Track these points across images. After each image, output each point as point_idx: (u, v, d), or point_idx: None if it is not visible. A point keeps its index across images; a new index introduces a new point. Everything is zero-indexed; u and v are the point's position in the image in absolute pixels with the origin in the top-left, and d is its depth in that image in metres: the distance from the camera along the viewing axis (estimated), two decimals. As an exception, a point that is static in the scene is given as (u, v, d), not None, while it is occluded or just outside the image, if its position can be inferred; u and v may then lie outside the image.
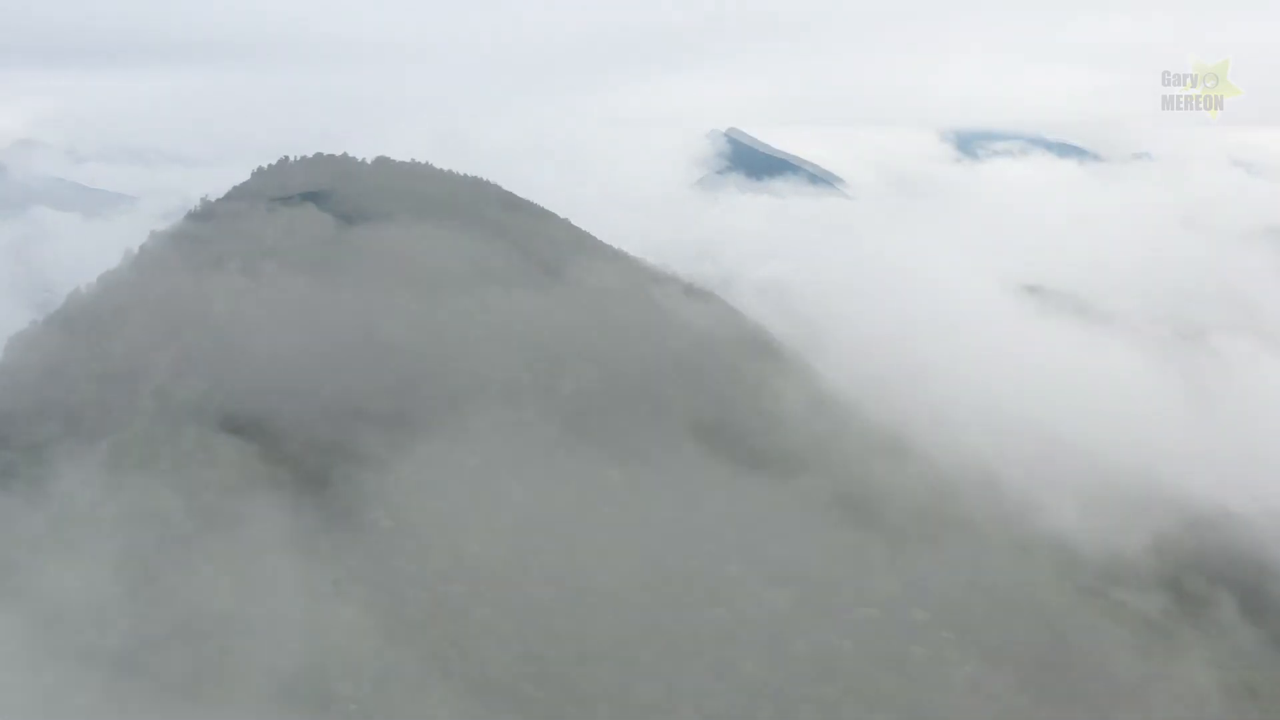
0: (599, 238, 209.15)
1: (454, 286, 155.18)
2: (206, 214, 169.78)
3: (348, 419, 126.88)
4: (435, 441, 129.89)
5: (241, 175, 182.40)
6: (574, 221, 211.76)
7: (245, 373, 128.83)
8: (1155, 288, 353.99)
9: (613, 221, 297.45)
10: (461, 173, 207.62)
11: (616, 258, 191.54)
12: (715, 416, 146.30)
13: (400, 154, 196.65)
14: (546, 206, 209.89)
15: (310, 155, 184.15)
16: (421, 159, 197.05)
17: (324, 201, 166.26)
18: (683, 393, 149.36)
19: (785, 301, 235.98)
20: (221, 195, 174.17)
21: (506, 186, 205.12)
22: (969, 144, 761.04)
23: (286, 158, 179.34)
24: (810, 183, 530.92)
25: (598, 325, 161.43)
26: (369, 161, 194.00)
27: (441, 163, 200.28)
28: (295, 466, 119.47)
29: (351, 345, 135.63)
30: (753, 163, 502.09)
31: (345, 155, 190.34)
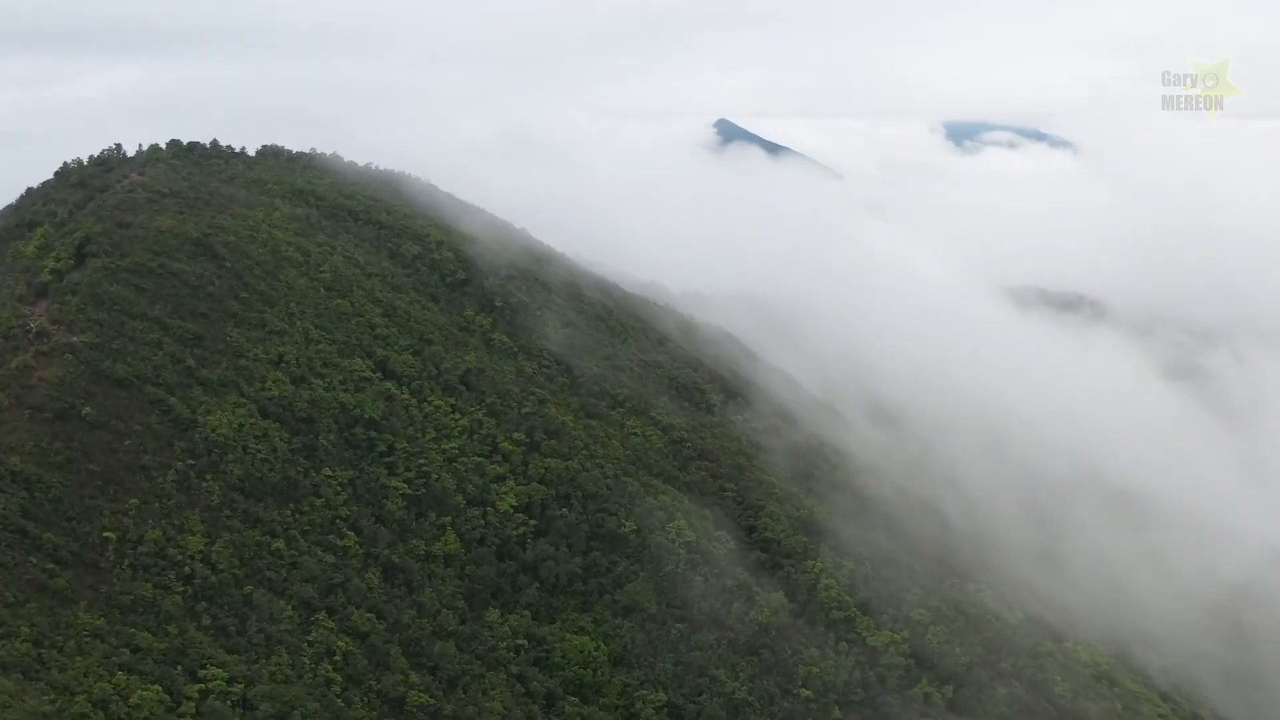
0: (569, 250, 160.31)
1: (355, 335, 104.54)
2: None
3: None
4: (286, 605, 79.38)
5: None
6: (551, 224, 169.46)
7: None
8: (1156, 285, 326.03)
9: (595, 223, 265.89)
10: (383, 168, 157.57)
11: (578, 281, 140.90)
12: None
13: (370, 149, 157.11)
14: (522, 210, 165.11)
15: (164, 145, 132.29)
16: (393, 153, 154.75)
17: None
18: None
19: (772, 313, 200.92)
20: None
21: (480, 184, 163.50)
22: (961, 135, 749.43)
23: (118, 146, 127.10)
24: (803, 175, 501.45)
25: (555, 395, 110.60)
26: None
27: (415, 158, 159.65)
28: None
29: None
30: (744, 154, 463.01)
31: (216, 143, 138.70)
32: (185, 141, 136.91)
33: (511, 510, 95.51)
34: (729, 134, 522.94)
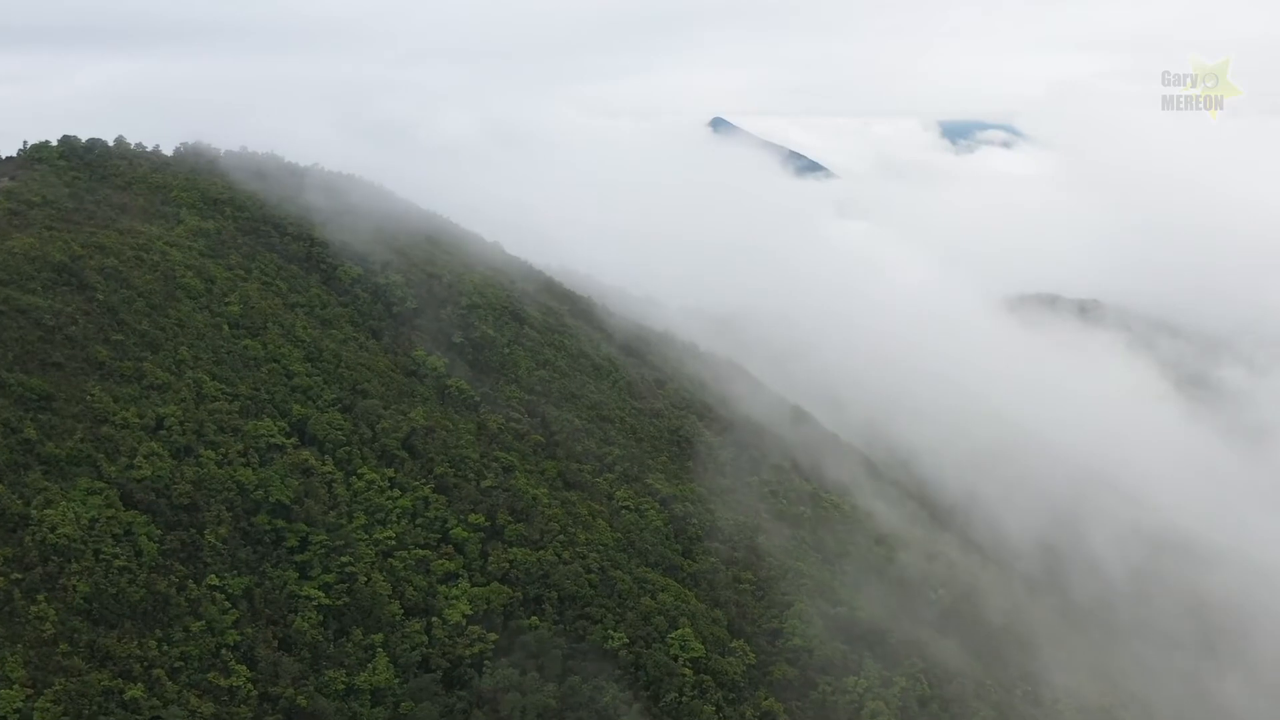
0: (549, 262, 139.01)
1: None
2: None
3: None
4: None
5: None
6: (535, 230, 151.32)
7: None
8: (1156, 288, 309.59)
9: (583, 228, 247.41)
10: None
11: (559, 306, 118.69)
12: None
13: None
14: (504, 216, 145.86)
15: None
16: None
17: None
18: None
19: (770, 326, 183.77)
20: None
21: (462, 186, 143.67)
22: (956, 133, 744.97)
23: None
24: (797, 175, 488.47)
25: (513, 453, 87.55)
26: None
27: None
28: None
29: None
30: (739, 153, 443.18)
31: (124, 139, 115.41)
32: (85, 139, 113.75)
33: (464, 622, 72.63)
34: (724, 132, 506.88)
